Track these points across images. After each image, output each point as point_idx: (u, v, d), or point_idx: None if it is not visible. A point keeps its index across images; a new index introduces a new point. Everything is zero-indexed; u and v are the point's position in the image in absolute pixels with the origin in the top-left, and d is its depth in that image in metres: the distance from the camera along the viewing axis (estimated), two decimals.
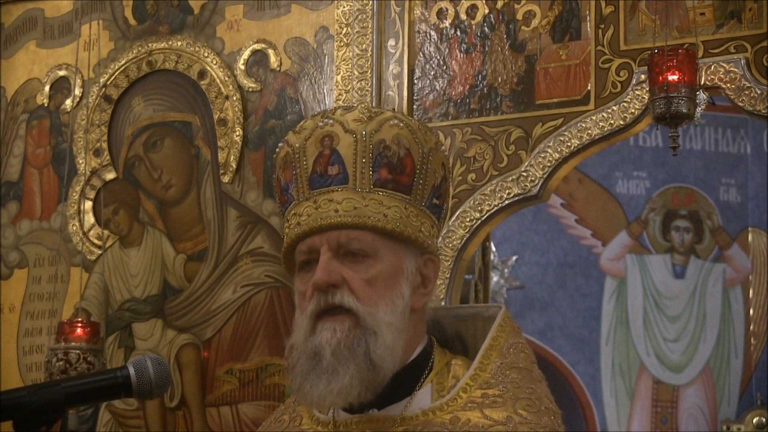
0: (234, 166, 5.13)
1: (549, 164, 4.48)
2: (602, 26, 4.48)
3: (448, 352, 2.10)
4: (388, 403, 2.00)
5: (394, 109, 2.21)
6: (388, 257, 1.99)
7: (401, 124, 2.03)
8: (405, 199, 2.01)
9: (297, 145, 2.04)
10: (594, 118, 4.42)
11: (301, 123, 2.10)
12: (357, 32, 4.88)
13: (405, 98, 4.77)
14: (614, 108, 4.40)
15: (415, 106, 4.78)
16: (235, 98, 5.15)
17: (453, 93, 4.73)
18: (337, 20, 4.96)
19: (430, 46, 4.80)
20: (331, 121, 2.04)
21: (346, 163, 2.00)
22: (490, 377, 2.00)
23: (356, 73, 4.85)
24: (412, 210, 2.01)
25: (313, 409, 2.06)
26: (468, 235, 4.49)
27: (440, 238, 2.17)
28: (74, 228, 5.40)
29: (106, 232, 5.35)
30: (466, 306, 2.29)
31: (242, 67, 5.19)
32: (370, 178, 1.99)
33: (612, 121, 4.40)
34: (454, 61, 4.75)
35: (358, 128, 2.01)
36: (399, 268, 2.00)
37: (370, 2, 4.86)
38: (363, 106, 2.11)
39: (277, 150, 2.11)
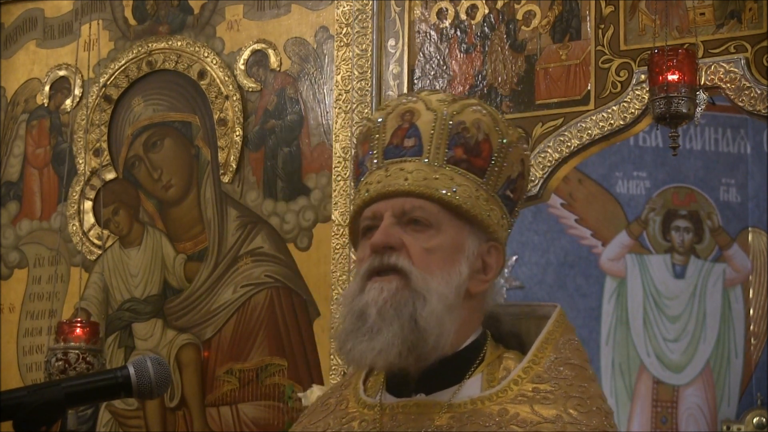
0: (234, 166, 5.13)
1: (549, 164, 4.48)
2: (602, 26, 4.48)
3: (502, 346, 2.06)
4: (437, 389, 1.97)
5: (480, 99, 2.19)
6: (451, 232, 1.96)
7: (484, 111, 2.01)
8: (477, 182, 1.98)
9: (379, 119, 2.04)
10: (594, 118, 4.42)
11: (386, 101, 2.10)
12: (357, 32, 4.88)
13: None
14: (614, 108, 4.40)
15: None
16: (235, 98, 5.15)
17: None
18: (337, 20, 4.95)
19: (430, 46, 4.80)
20: (414, 98, 2.04)
21: (423, 137, 1.98)
22: (543, 371, 1.97)
23: (356, 73, 4.85)
24: (483, 194, 1.99)
25: (355, 367, 2.03)
26: None
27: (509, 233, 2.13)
28: (74, 228, 5.40)
29: (106, 232, 5.35)
30: (520, 303, 2.24)
31: (242, 67, 5.19)
32: (444, 154, 1.97)
33: (612, 121, 4.40)
34: (454, 61, 4.75)
35: (440, 107, 2.00)
36: (461, 245, 1.97)
37: (370, 2, 4.86)
38: (448, 92, 2.12)
39: (360, 128, 2.11)
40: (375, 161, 2.01)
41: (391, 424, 1.96)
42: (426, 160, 1.97)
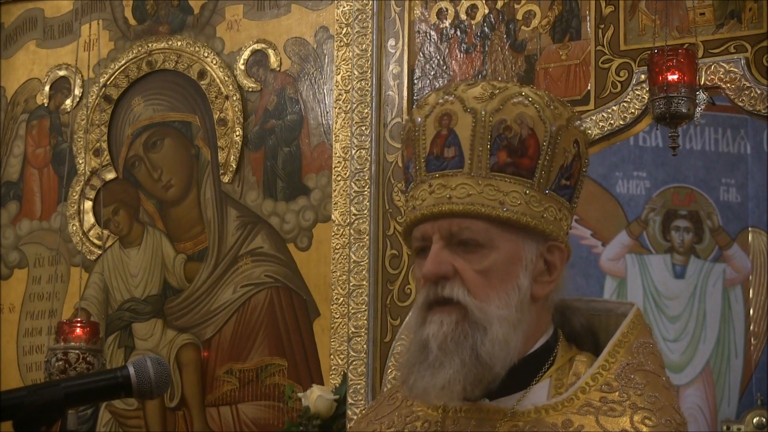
0: (234, 166, 5.13)
1: None
2: (602, 26, 4.48)
3: (575, 347, 1.99)
4: (502, 395, 1.90)
5: (521, 84, 2.08)
6: (504, 246, 1.87)
7: (526, 102, 1.91)
8: (526, 184, 1.88)
9: (418, 120, 1.95)
10: (594, 118, 4.42)
11: (425, 96, 2.00)
12: (357, 32, 4.88)
13: (405, 98, 4.77)
14: (614, 108, 4.40)
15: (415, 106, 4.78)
16: (235, 98, 5.15)
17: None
18: (337, 20, 4.95)
19: (430, 46, 4.80)
20: (451, 98, 1.95)
21: (463, 145, 1.89)
22: (612, 379, 1.88)
23: (356, 73, 4.85)
24: (534, 195, 1.88)
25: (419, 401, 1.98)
26: None
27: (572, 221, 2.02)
28: (74, 228, 5.40)
29: (106, 232, 5.35)
30: (601, 300, 2.11)
31: (242, 67, 5.19)
32: (487, 162, 1.87)
33: (612, 121, 4.40)
34: (454, 61, 4.75)
35: (478, 107, 1.91)
36: (516, 257, 1.88)
37: (370, 2, 4.86)
38: (488, 82, 2.02)
39: (404, 123, 2.04)
40: (419, 172, 1.93)
41: (452, 427, 1.92)
42: (468, 172, 1.88)
